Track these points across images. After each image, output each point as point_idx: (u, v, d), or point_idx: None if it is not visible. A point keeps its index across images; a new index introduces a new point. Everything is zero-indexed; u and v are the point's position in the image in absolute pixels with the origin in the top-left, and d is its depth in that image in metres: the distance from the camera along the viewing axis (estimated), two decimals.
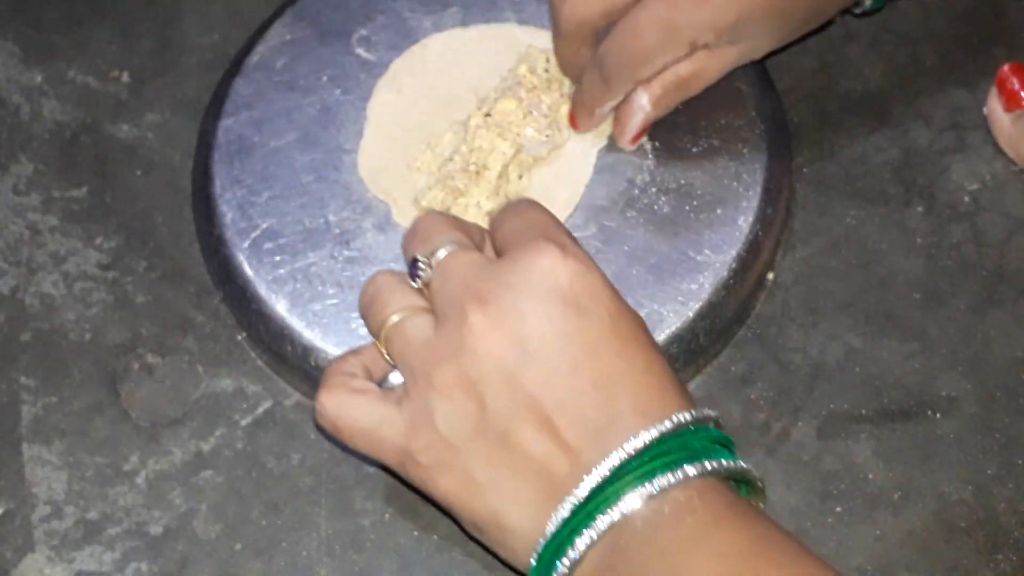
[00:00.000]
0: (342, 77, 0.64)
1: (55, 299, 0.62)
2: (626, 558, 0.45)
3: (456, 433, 0.48)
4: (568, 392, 0.47)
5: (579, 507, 0.45)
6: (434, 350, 0.49)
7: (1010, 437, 0.58)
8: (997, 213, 0.63)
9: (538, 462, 0.47)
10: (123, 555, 0.57)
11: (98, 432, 0.59)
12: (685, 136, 0.62)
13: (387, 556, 0.56)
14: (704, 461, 0.46)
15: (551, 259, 0.48)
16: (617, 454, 0.46)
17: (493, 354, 0.47)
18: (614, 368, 0.47)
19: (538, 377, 0.47)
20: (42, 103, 0.67)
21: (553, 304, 0.48)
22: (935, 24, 0.68)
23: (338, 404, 0.51)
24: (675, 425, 0.46)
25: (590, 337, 0.48)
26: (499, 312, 0.48)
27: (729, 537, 0.45)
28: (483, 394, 0.47)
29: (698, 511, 0.45)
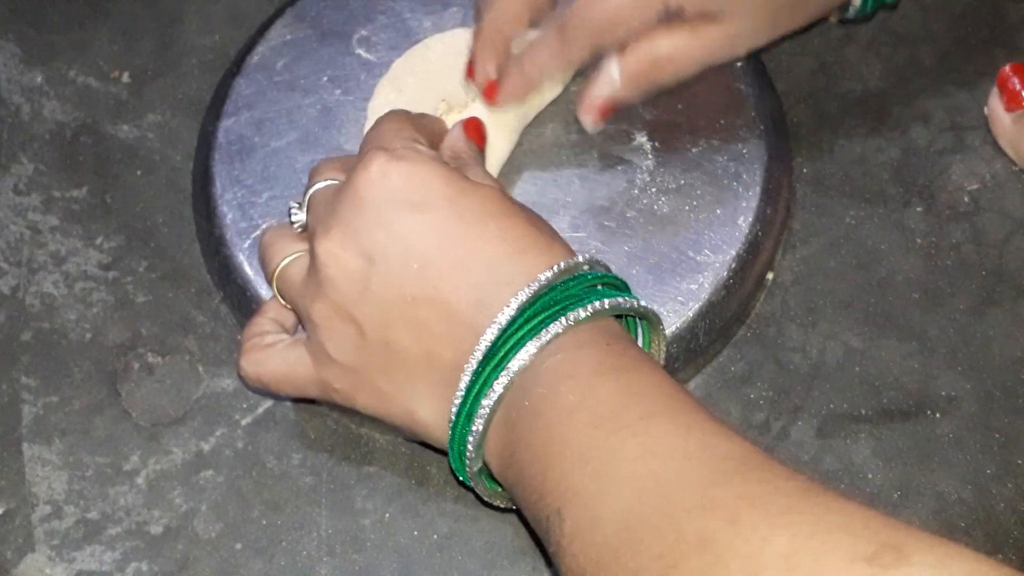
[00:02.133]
0: (342, 77, 0.64)
1: (56, 299, 0.62)
2: (519, 434, 0.46)
3: (347, 357, 0.50)
4: (425, 287, 0.48)
5: (467, 390, 0.47)
6: (307, 287, 0.51)
7: (1009, 437, 0.58)
8: (996, 213, 0.63)
9: (421, 359, 0.49)
10: (123, 555, 0.57)
11: (99, 432, 0.59)
12: (685, 136, 0.62)
13: (387, 555, 0.56)
14: (568, 313, 0.47)
15: (375, 168, 0.50)
16: (487, 333, 0.47)
17: (346, 275, 0.49)
18: (466, 247, 0.48)
19: (392, 281, 0.49)
20: (43, 103, 0.67)
21: (386, 210, 0.49)
22: (934, 25, 0.69)
23: (255, 363, 0.54)
24: (537, 288, 0.47)
25: (432, 228, 0.49)
26: (340, 234, 0.50)
27: (601, 398, 0.45)
28: (353, 315, 0.49)
29: (572, 375, 0.46)
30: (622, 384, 0.46)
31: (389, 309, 0.49)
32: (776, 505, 0.39)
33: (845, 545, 0.36)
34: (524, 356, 0.46)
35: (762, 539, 0.37)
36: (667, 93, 0.63)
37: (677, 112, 0.62)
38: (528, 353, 0.46)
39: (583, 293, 0.48)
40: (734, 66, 0.64)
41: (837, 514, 0.38)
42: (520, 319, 0.47)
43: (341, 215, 0.50)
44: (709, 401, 0.59)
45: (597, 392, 0.45)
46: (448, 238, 0.49)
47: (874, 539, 0.36)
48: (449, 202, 0.49)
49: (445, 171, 0.50)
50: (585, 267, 0.49)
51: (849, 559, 0.36)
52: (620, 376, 0.46)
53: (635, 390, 0.45)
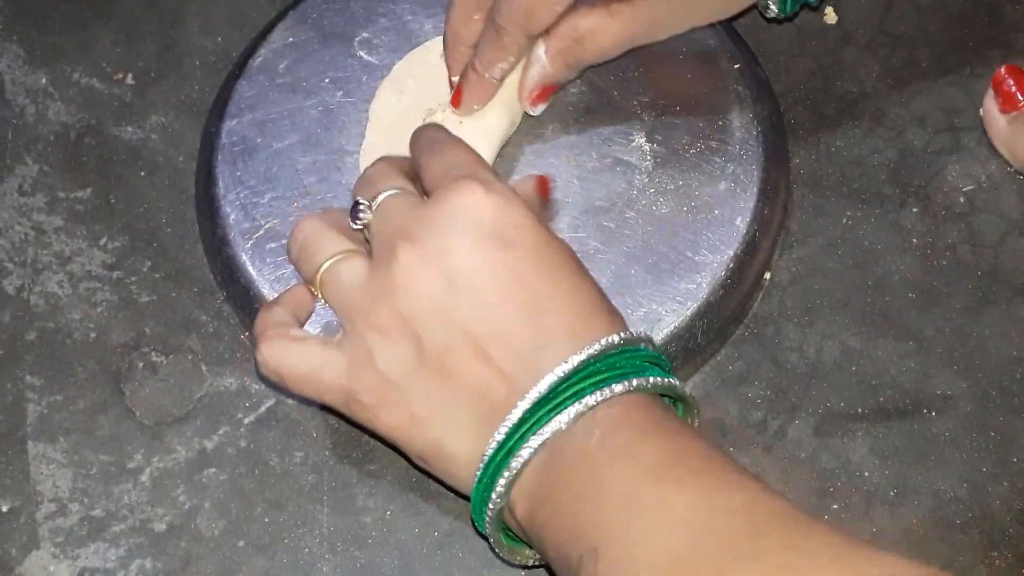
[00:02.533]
0: (344, 79, 0.64)
1: (60, 299, 0.63)
2: (559, 475, 0.46)
3: (395, 370, 0.49)
4: (498, 321, 0.48)
5: (514, 429, 0.47)
6: (368, 291, 0.50)
7: (1005, 435, 0.59)
8: (992, 214, 0.64)
9: (474, 390, 0.48)
10: (127, 552, 0.57)
11: (103, 430, 0.59)
12: (683, 138, 0.62)
13: (389, 553, 0.57)
14: (632, 379, 0.47)
15: (474, 196, 0.50)
16: (548, 377, 0.47)
17: (424, 291, 0.49)
18: (542, 295, 0.49)
19: (468, 309, 0.49)
20: (47, 105, 0.68)
21: (478, 239, 0.49)
22: (931, 26, 0.69)
23: (279, 353, 0.52)
24: (604, 347, 0.48)
25: (516, 267, 0.49)
26: (427, 250, 0.49)
27: (652, 448, 0.46)
28: (417, 330, 0.49)
29: (625, 427, 0.46)
30: (671, 442, 0.46)
31: (456, 336, 0.49)
32: (824, 554, 0.40)
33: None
34: (581, 406, 0.47)
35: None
36: (665, 94, 0.63)
37: (675, 113, 0.63)
38: (586, 404, 0.47)
39: (641, 366, 0.49)
40: (732, 67, 0.64)
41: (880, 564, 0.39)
42: (583, 372, 0.47)
43: (428, 231, 0.50)
44: (707, 400, 0.60)
45: (648, 446, 0.46)
46: (529, 281, 0.49)
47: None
48: (535, 247, 0.50)
49: (533, 215, 0.51)
50: (643, 344, 0.50)
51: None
52: (669, 436, 0.47)
53: (683, 448, 0.46)
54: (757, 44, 0.67)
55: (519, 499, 0.48)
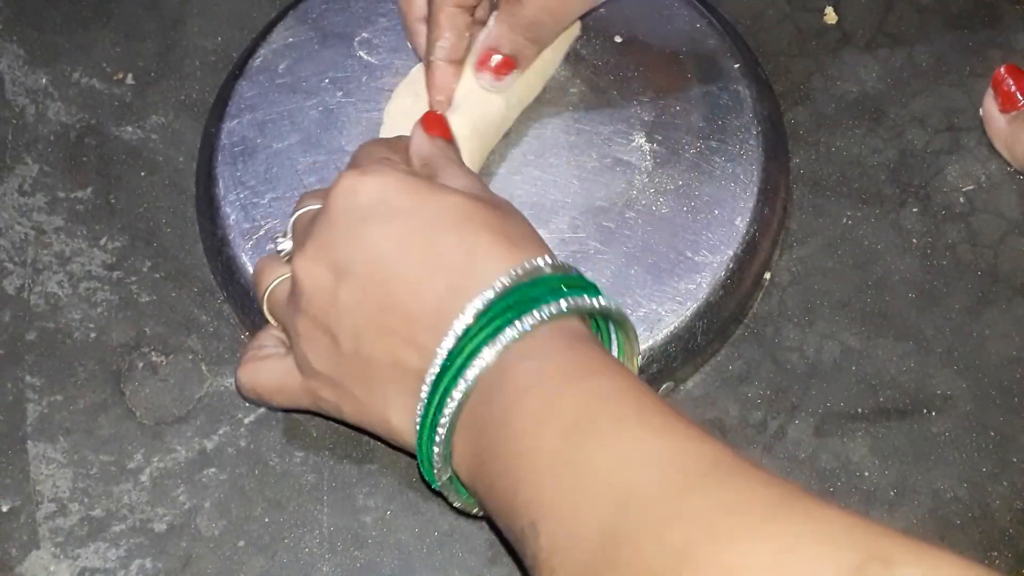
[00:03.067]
0: (344, 80, 0.64)
1: (60, 299, 0.63)
2: (486, 445, 0.46)
3: (327, 366, 0.51)
4: (390, 294, 0.49)
5: (431, 394, 0.48)
6: (291, 303, 0.53)
7: (1004, 435, 0.59)
8: (991, 214, 0.64)
9: (392, 364, 0.50)
10: (127, 552, 0.57)
11: (103, 430, 0.60)
12: (683, 138, 0.62)
13: (389, 552, 0.57)
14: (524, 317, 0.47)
15: (344, 184, 0.51)
16: (448, 337, 0.47)
17: (318, 288, 0.51)
18: (427, 256, 0.49)
19: (359, 291, 0.50)
20: (47, 105, 0.68)
21: (353, 224, 0.51)
22: (930, 27, 0.69)
23: (251, 373, 0.55)
24: (499, 289, 0.47)
25: (395, 237, 0.50)
26: (313, 250, 0.51)
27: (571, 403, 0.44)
28: (326, 325, 0.51)
29: (538, 378, 0.46)
30: (588, 390, 0.45)
31: (358, 319, 0.50)
32: (756, 514, 0.38)
33: (830, 556, 0.36)
34: (480, 363, 0.46)
35: (743, 552, 0.37)
36: (665, 94, 0.63)
37: (675, 113, 0.63)
38: (484, 360, 0.46)
39: (544, 296, 0.47)
40: (732, 67, 0.64)
41: (819, 523, 0.37)
42: (475, 326, 0.47)
43: (315, 233, 0.52)
44: (707, 400, 0.60)
45: (564, 400, 0.45)
46: (410, 248, 0.50)
47: (860, 549, 0.36)
48: (411, 212, 0.50)
49: (410, 182, 0.51)
50: (547, 270, 0.48)
51: (835, 571, 0.35)
52: (586, 381, 0.45)
53: (602, 395, 0.45)
54: (757, 44, 0.68)
55: (459, 468, 0.48)
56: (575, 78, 0.64)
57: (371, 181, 0.51)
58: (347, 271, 0.50)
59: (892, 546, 0.36)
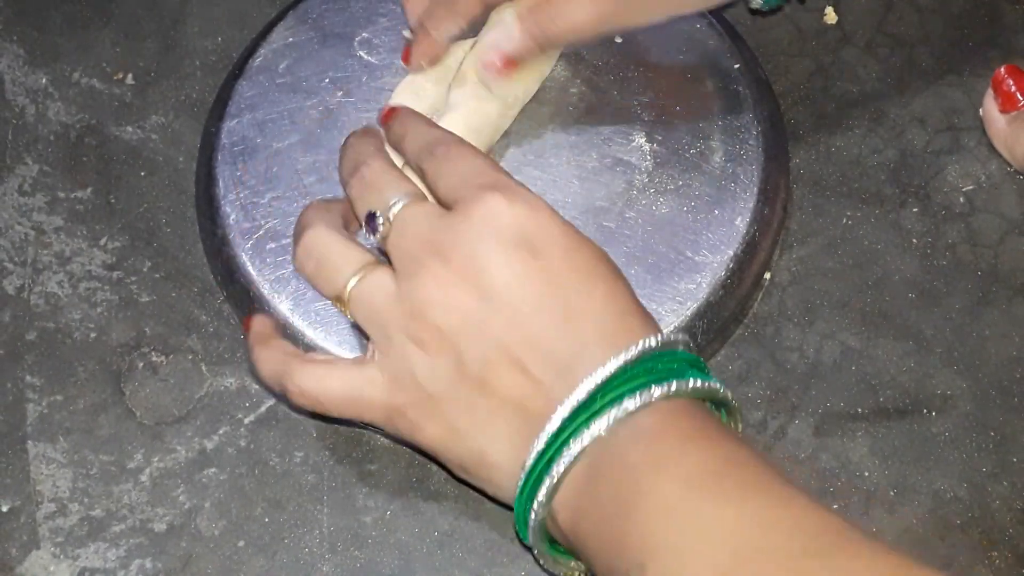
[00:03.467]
0: (344, 79, 0.64)
1: (60, 299, 0.63)
2: (602, 485, 0.46)
3: (435, 384, 0.50)
4: (534, 331, 0.48)
5: (553, 437, 0.47)
6: (402, 307, 0.50)
7: (1005, 435, 0.59)
8: (991, 214, 0.64)
9: (514, 400, 0.48)
10: (127, 552, 0.57)
11: (103, 430, 0.59)
12: (683, 138, 0.62)
13: (389, 553, 0.57)
14: (671, 381, 0.47)
15: (499, 207, 0.50)
16: (585, 383, 0.47)
17: (460, 305, 0.49)
18: (575, 302, 0.49)
19: (504, 321, 0.49)
20: (47, 105, 0.68)
21: (508, 250, 0.49)
22: (931, 26, 0.69)
23: (316, 380, 0.52)
24: (641, 351, 0.48)
25: (547, 276, 0.49)
26: (460, 264, 0.49)
27: (696, 458, 0.45)
28: (456, 344, 0.49)
29: (666, 435, 0.46)
30: (716, 452, 0.46)
31: (493, 348, 0.49)
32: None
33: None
34: (621, 411, 0.46)
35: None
36: (665, 93, 0.63)
37: (675, 113, 0.63)
38: (625, 409, 0.46)
39: (680, 369, 0.48)
40: (732, 67, 0.64)
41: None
42: (621, 377, 0.47)
43: (459, 245, 0.50)
44: None
45: (691, 456, 0.45)
46: (562, 288, 0.49)
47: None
48: (566, 252, 0.49)
49: (561, 221, 0.50)
50: (680, 346, 0.49)
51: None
52: (714, 445, 0.46)
53: (729, 459, 0.45)
54: (757, 44, 0.68)
55: (562, 509, 0.48)
56: (575, 78, 0.64)
57: (528, 211, 0.50)
58: (493, 296, 0.49)
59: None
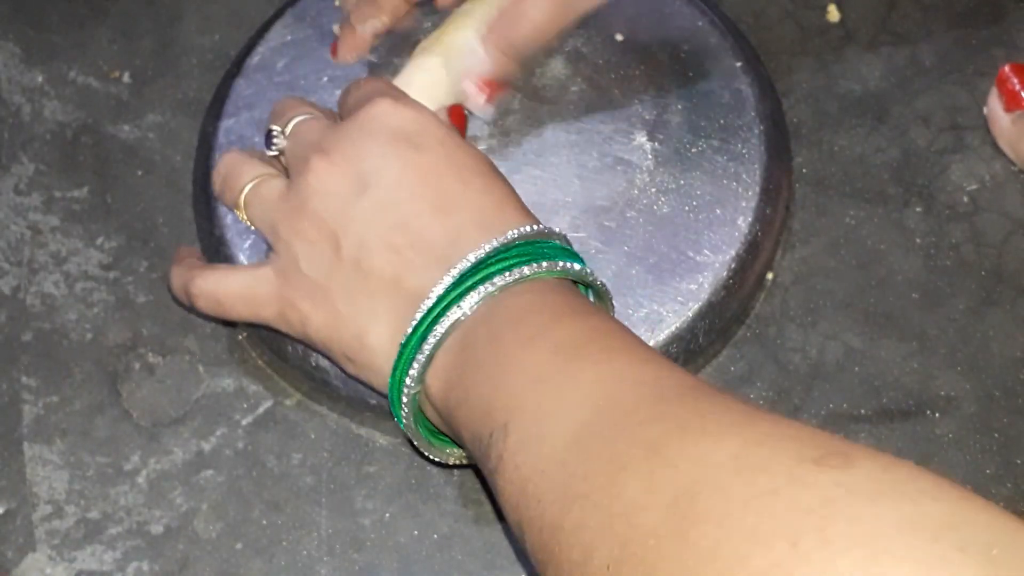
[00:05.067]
0: (342, 78, 0.64)
1: (56, 299, 0.62)
2: (472, 356, 0.48)
3: (318, 271, 0.52)
4: (410, 216, 0.51)
5: (426, 315, 0.49)
6: (286, 202, 0.53)
7: (1008, 437, 0.58)
8: (996, 213, 0.63)
9: (389, 282, 0.51)
10: (124, 554, 0.57)
11: (99, 432, 0.59)
12: (684, 137, 0.62)
13: (387, 555, 0.56)
14: (541, 263, 0.49)
15: (384, 106, 0.53)
16: (460, 263, 0.49)
17: (337, 192, 0.52)
18: (452, 191, 0.51)
19: (379, 207, 0.51)
20: (43, 103, 0.67)
21: (388, 142, 0.52)
22: (934, 24, 0.69)
23: (215, 281, 0.55)
24: (516, 236, 0.50)
25: (426, 167, 0.52)
26: (339, 156, 0.52)
27: (565, 330, 0.47)
28: (334, 230, 0.51)
29: (537, 310, 0.48)
30: (584, 324, 0.47)
31: (369, 231, 0.51)
32: (727, 418, 0.40)
33: (793, 449, 0.37)
34: (490, 286, 0.48)
35: (712, 443, 0.38)
36: (667, 92, 0.63)
37: (677, 112, 0.62)
38: (495, 284, 0.48)
39: (556, 253, 0.50)
40: (734, 66, 0.64)
41: (787, 427, 0.39)
42: (495, 258, 0.49)
43: (341, 141, 0.53)
44: None
45: (559, 326, 0.47)
46: (440, 179, 0.51)
47: (822, 446, 0.37)
48: (446, 150, 0.52)
49: (445, 126, 0.53)
50: (555, 239, 0.52)
51: (797, 460, 0.36)
52: (580, 317, 0.48)
53: (597, 328, 0.47)
54: (759, 42, 0.67)
55: (433, 382, 0.49)
56: (576, 76, 0.64)
57: (412, 112, 0.53)
58: (370, 184, 0.51)
59: (852, 447, 0.37)
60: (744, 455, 0.37)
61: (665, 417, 0.41)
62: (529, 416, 0.44)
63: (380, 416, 0.59)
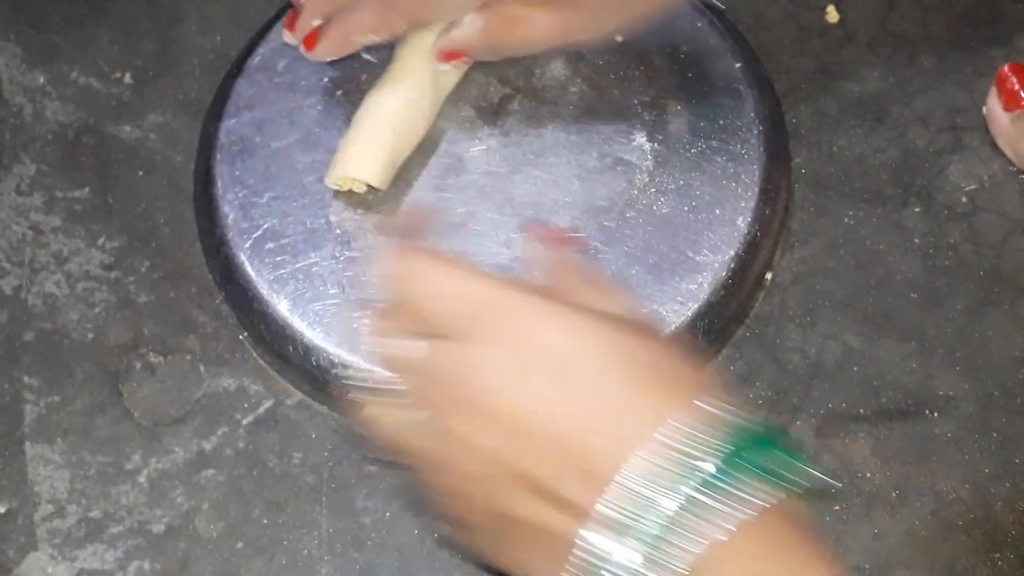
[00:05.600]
0: (343, 79, 0.64)
1: (58, 299, 0.62)
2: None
3: (474, 515, 0.46)
4: (549, 454, 0.44)
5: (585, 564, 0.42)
6: (425, 447, 0.47)
7: (1007, 436, 0.58)
8: (994, 213, 0.63)
9: (541, 525, 0.44)
10: (125, 553, 0.57)
11: (100, 431, 0.59)
12: (684, 137, 0.62)
13: (388, 554, 0.57)
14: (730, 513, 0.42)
15: (492, 338, 0.45)
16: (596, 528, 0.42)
17: (475, 442, 0.45)
18: (577, 417, 0.44)
19: (519, 449, 0.44)
20: (45, 104, 0.67)
21: (524, 380, 0.44)
22: (933, 25, 0.69)
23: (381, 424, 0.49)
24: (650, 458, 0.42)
25: (543, 395, 0.44)
26: (469, 400, 0.45)
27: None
28: (476, 480, 0.45)
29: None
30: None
31: (512, 476, 0.44)
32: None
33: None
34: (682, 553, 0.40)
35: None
36: (666, 93, 0.63)
37: (676, 112, 0.62)
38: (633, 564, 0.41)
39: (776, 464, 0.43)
40: (733, 66, 0.64)
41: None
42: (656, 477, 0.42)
43: (469, 390, 0.45)
44: None
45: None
46: (561, 403, 0.44)
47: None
48: (597, 371, 0.44)
49: (592, 326, 0.44)
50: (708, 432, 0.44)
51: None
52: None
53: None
54: (758, 43, 0.67)
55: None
56: (575, 77, 0.64)
57: (542, 328, 0.44)
58: (510, 427, 0.44)
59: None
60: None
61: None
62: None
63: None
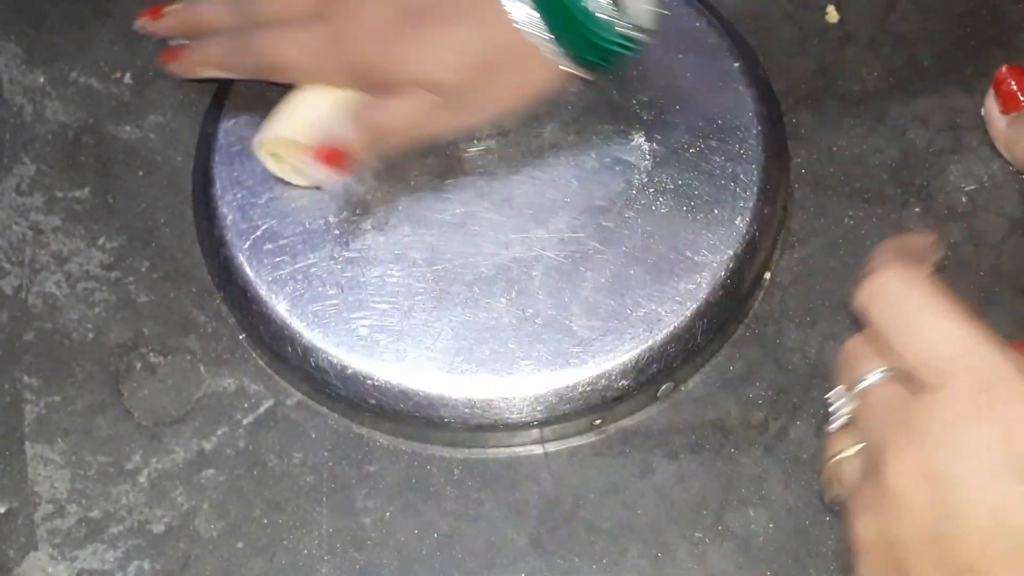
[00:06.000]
0: None
1: (58, 299, 0.62)
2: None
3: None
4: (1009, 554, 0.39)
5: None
6: (858, 495, 0.44)
7: None
8: (994, 214, 0.63)
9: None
10: (125, 553, 0.57)
11: (100, 431, 0.59)
12: (682, 137, 0.62)
13: (388, 554, 0.57)
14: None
15: (976, 408, 0.40)
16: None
17: (912, 511, 0.40)
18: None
19: (969, 548, 0.39)
20: (45, 104, 0.68)
21: (988, 472, 0.39)
22: (933, 26, 0.69)
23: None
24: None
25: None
26: (926, 464, 0.40)
27: None
28: (902, 557, 0.41)
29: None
30: None
31: (949, 571, 0.40)
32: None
33: None
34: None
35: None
36: (665, 93, 0.63)
37: (675, 113, 0.63)
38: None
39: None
40: (732, 66, 0.64)
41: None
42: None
43: (924, 438, 0.41)
44: (708, 401, 0.60)
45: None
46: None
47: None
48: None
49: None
50: None
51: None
52: None
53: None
54: (757, 43, 0.67)
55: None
56: None
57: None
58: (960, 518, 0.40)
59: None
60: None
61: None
62: None
63: (380, 416, 0.59)
